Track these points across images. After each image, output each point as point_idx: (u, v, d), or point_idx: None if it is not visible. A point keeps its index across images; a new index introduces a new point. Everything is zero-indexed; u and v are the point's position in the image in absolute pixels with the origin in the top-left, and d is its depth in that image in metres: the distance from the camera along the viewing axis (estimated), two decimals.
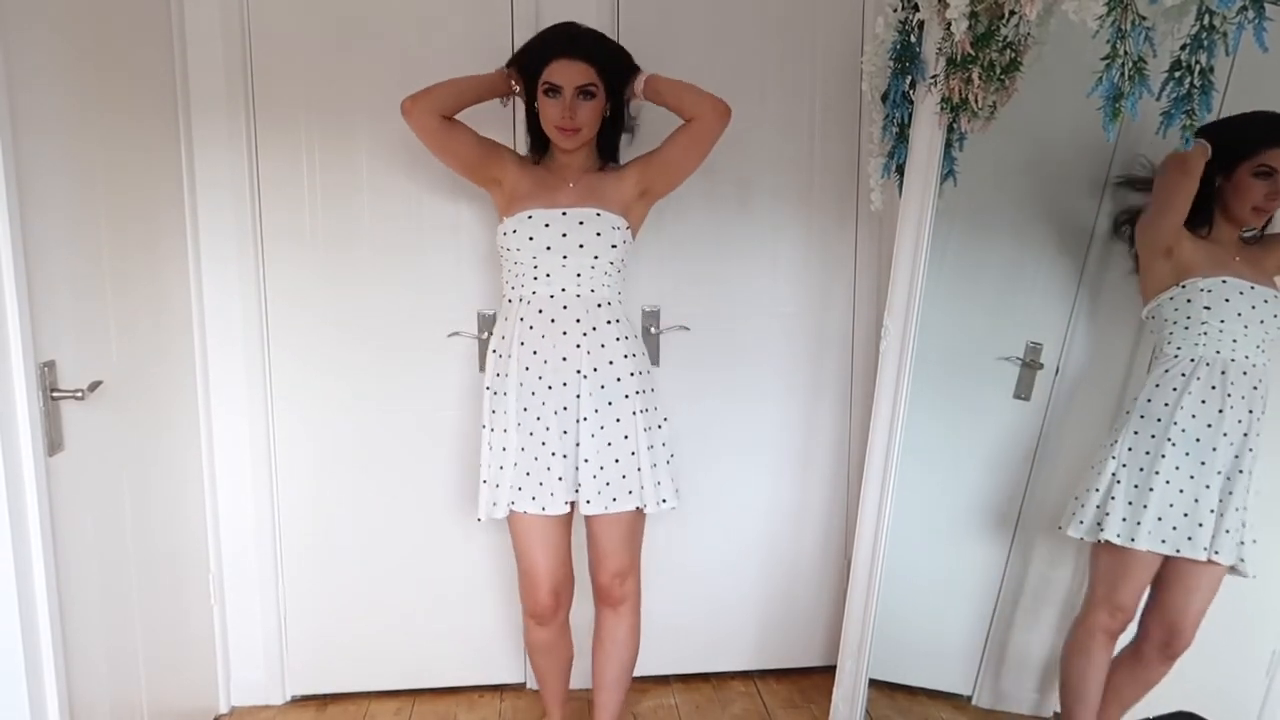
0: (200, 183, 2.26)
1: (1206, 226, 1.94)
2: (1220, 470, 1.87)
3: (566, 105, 1.85)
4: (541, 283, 1.89)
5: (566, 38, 1.88)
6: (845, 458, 2.62)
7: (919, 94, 1.94)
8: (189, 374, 2.28)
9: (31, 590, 1.56)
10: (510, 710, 2.49)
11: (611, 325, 1.91)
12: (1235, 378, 1.87)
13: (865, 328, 2.54)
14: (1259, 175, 1.86)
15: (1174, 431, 1.88)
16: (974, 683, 2.42)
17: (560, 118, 1.86)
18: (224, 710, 2.47)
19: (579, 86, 1.85)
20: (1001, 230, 2.26)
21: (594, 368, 1.88)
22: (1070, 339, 2.23)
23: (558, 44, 1.87)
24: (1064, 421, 2.25)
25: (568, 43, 1.87)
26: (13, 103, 1.50)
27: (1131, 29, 1.35)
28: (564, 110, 1.85)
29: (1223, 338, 1.88)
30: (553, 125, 1.89)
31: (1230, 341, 1.88)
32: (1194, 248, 1.92)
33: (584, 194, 1.92)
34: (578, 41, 1.87)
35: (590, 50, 1.87)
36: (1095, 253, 2.19)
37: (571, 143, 1.90)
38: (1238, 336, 1.88)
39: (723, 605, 2.65)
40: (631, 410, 1.90)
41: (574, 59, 1.85)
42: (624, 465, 1.90)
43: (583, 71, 1.85)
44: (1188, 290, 1.90)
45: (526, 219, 1.88)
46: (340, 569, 2.48)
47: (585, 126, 1.88)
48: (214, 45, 2.21)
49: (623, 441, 1.90)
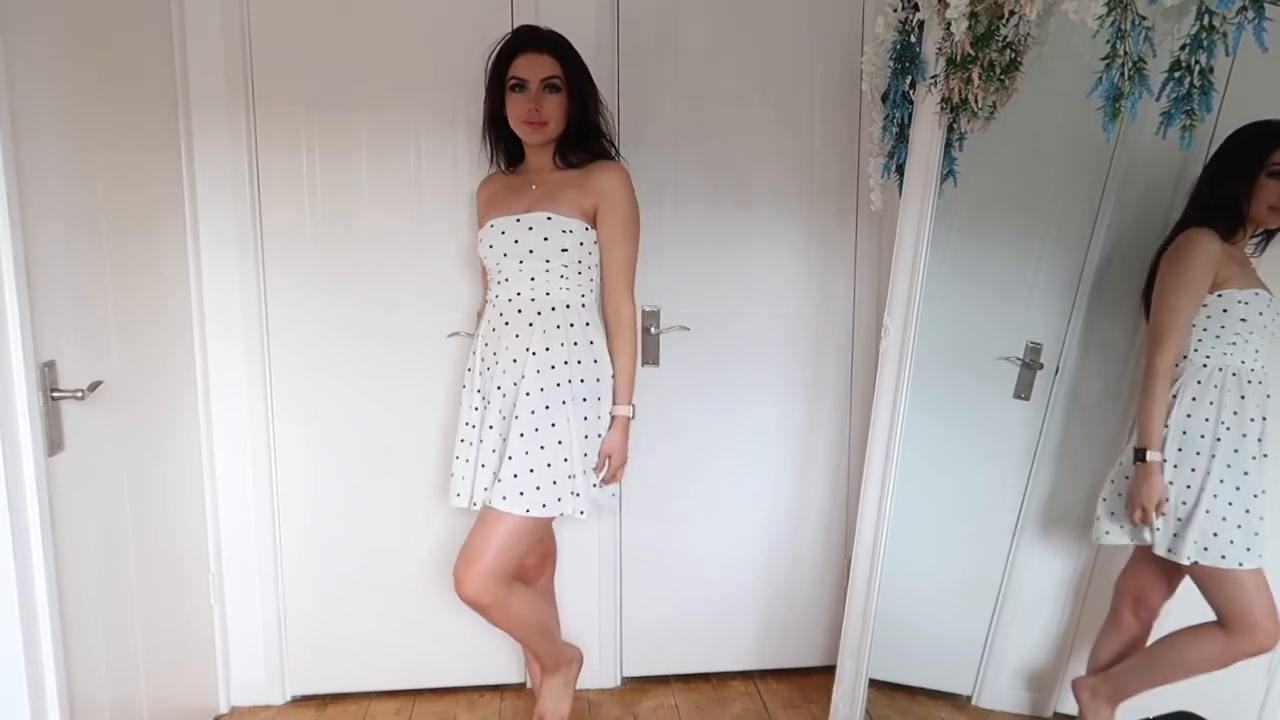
0: (200, 182, 2.27)
1: (1240, 232, 1.92)
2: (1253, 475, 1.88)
3: (532, 98, 1.90)
4: (503, 287, 1.98)
5: (530, 33, 1.96)
6: (845, 457, 2.62)
7: (919, 94, 1.94)
8: (189, 374, 2.28)
9: (31, 590, 1.56)
10: (510, 710, 2.49)
11: (563, 329, 1.93)
12: (1255, 386, 1.90)
13: (865, 327, 2.54)
14: (1272, 175, 1.88)
15: (1217, 446, 1.88)
16: (974, 683, 2.41)
17: (527, 111, 1.91)
18: (224, 710, 2.47)
19: (544, 79, 1.91)
20: (1001, 230, 2.26)
21: (536, 369, 1.91)
22: (1070, 339, 2.23)
23: (522, 40, 1.95)
24: (1064, 421, 2.25)
25: (531, 37, 1.94)
26: (13, 103, 1.50)
27: (1131, 29, 1.35)
28: (530, 103, 1.90)
29: (1247, 347, 1.90)
30: (520, 120, 1.93)
31: (1253, 351, 1.90)
32: (1226, 258, 1.90)
33: (542, 197, 1.96)
34: (541, 36, 1.95)
35: (554, 44, 1.94)
36: (1095, 253, 2.19)
37: (539, 136, 1.94)
38: (1259, 346, 1.90)
39: (723, 605, 2.65)
40: (566, 417, 1.92)
41: (539, 53, 1.91)
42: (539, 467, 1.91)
43: (547, 64, 1.91)
44: (1224, 300, 1.89)
45: (490, 228, 1.98)
46: (340, 569, 2.48)
47: (552, 120, 1.93)
48: (214, 45, 2.21)
49: (556, 447, 1.91)
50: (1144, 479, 1.91)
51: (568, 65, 1.94)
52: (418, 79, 2.30)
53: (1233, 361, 1.90)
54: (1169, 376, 1.92)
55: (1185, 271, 1.90)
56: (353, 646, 2.53)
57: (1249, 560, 1.86)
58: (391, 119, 2.31)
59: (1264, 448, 1.90)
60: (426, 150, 2.33)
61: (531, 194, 1.97)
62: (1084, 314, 2.22)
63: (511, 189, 2.02)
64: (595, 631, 2.56)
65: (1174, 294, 1.91)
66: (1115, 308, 2.18)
